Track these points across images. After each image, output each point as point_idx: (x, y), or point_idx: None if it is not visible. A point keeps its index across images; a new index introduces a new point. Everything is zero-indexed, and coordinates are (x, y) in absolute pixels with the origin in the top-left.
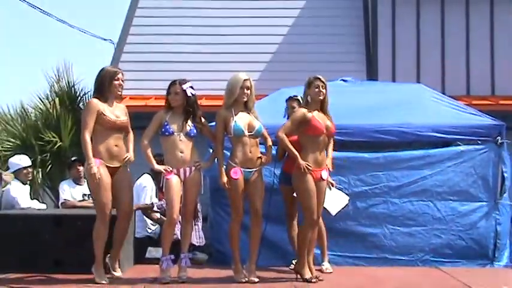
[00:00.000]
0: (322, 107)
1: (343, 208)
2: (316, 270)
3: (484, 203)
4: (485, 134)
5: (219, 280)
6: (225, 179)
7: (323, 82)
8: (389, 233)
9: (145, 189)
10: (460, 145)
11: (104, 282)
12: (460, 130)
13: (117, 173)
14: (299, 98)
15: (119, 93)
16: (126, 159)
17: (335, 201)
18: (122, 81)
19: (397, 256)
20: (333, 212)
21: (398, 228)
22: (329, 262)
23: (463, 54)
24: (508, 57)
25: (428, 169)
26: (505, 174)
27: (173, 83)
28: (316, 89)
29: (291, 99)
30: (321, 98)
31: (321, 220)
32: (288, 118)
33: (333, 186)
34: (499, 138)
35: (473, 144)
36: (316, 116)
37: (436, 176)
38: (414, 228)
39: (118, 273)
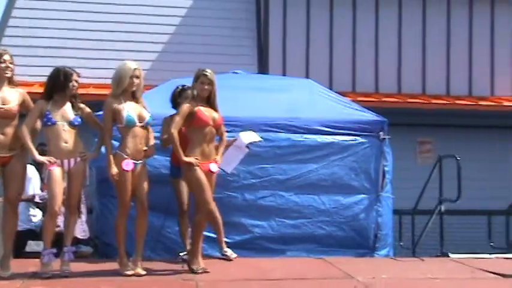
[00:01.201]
0: (209, 100)
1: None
2: (221, 259)
3: (366, 195)
4: (368, 130)
5: (103, 273)
6: (115, 170)
7: (209, 78)
8: (276, 225)
9: (31, 181)
10: (344, 140)
11: None
12: (345, 125)
13: (10, 163)
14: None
15: (6, 75)
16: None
17: (230, 159)
18: (10, 63)
19: (283, 247)
20: (228, 170)
21: (285, 220)
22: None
23: (350, 51)
24: (388, 57)
25: (315, 163)
26: (386, 168)
27: (67, 71)
28: (201, 85)
29: (183, 90)
30: (205, 95)
31: (216, 209)
32: (173, 107)
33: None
34: (381, 133)
35: (357, 138)
36: (202, 108)
37: (321, 170)
38: (300, 220)
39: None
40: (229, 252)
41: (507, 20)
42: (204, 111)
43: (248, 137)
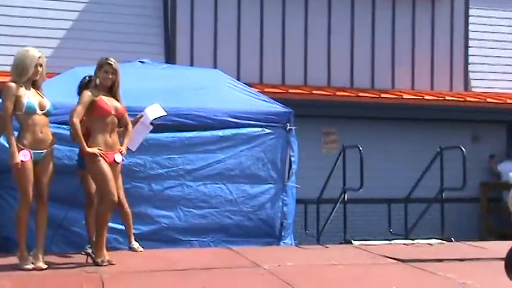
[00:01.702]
0: (112, 90)
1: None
2: (127, 251)
3: (273, 185)
4: (275, 120)
5: (1, 268)
6: (18, 159)
7: (113, 68)
8: (183, 215)
9: None
10: (252, 130)
11: None
12: (253, 116)
13: None
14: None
15: None
16: None
17: (135, 137)
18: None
19: (190, 237)
20: (133, 148)
21: (192, 210)
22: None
23: (258, 43)
24: (295, 50)
25: (222, 153)
26: (292, 159)
27: None
28: (105, 73)
29: (91, 80)
30: (108, 84)
31: (125, 201)
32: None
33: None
34: (288, 124)
35: (264, 129)
36: (104, 97)
37: (229, 160)
38: (207, 210)
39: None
40: (136, 245)
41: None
42: (106, 100)
43: (153, 112)
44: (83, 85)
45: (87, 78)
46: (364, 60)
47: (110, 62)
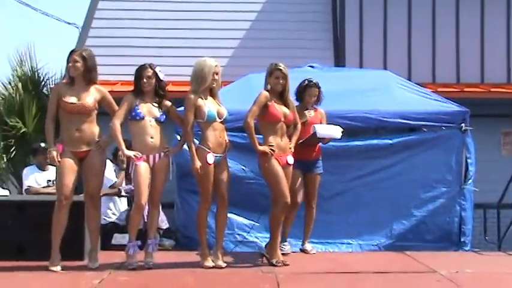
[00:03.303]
0: (283, 96)
1: (331, 136)
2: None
3: (448, 188)
4: (449, 120)
5: (185, 265)
6: (198, 164)
7: (283, 73)
8: (352, 220)
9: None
10: (423, 133)
11: (54, 269)
12: (425, 116)
13: (87, 157)
14: (319, 84)
15: (72, 73)
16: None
17: (326, 128)
18: (76, 62)
19: (359, 241)
20: (319, 131)
21: (361, 215)
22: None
23: (430, 41)
24: (471, 45)
25: (392, 158)
26: (469, 161)
27: (143, 66)
28: (276, 79)
29: (313, 86)
30: (279, 89)
31: (313, 205)
32: (298, 100)
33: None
34: (463, 124)
35: (437, 131)
36: (275, 104)
37: (399, 164)
38: (376, 215)
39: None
40: (309, 247)
41: None
42: (277, 107)
43: (327, 130)
44: (301, 88)
45: (306, 81)
46: None
47: (279, 67)
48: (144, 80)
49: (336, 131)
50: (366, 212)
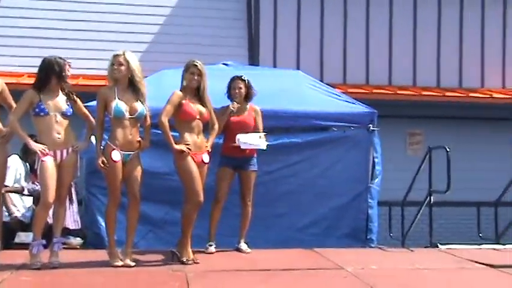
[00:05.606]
0: (199, 92)
1: (253, 146)
2: (234, 250)
3: (356, 186)
4: (358, 121)
5: (92, 264)
6: (101, 159)
7: (199, 69)
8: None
9: (10, 169)
10: (332, 133)
11: None
12: (335, 117)
13: None
14: (243, 77)
15: None
16: None
17: (251, 138)
18: None
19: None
20: (242, 141)
21: (266, 208)
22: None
23: (341, 42)
24: (380, 48)
25: (299, 155)
26: (376, 160)
27: (51, 60)
28: (191, 75)
29: (236, 79)
30: (194, 85)
31: (248, 203)
32: (229, 98)
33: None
34: (370, 125)
35: (345, 131)
36: (189, 102)
37: (308, 162)
38: (281, 209)
39: None
40: (244, 246)
41: None
42: (191, 105)
43: (249, 138)
44: (235, 84)
45: (237, 76)
46: (452, 59)
47: (195, 63)
48: (64, 73)
49: (261, 142)
50: (274, 206)
